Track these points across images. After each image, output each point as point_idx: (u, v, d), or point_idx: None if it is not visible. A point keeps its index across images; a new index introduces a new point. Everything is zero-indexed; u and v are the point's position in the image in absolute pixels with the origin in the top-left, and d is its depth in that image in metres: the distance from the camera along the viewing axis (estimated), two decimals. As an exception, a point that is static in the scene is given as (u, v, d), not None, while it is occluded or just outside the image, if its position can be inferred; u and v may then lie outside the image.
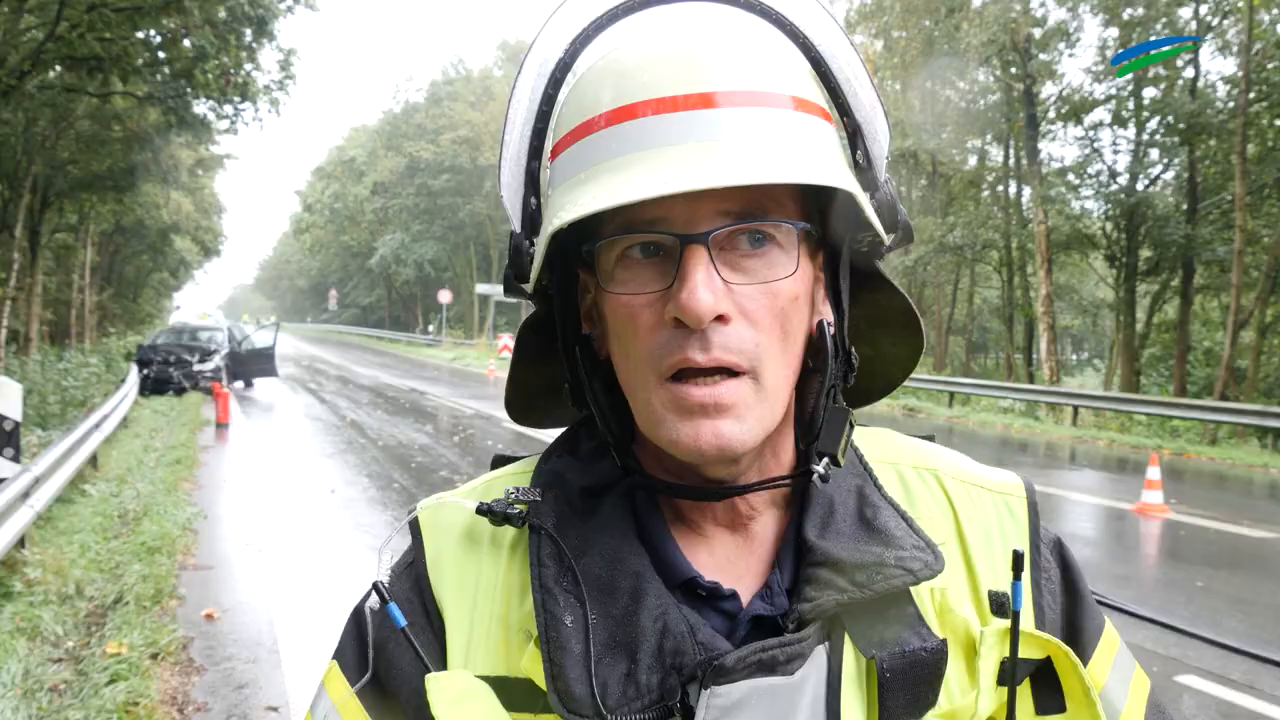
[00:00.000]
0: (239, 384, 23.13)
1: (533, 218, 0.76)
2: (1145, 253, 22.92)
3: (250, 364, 23.30)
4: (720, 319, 0.66)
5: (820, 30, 0.74)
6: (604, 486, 0.76)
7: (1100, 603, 0.86)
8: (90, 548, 6.88)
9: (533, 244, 0.74)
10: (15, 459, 7.08)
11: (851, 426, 0.76)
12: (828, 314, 0.76)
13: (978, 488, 0.81)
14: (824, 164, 0.67)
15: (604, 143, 0.68)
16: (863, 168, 0.75)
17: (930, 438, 0.87)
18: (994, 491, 0.81)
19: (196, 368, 21.84)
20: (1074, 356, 50.89)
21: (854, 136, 0.75)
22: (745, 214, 0.67)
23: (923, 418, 19.63)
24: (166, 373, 21.21)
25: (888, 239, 0.75)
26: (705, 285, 0.64)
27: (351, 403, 19.99)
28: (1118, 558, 8.08)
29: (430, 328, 56.05)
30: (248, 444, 14.19)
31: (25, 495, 6.27)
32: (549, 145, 0.75)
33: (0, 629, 5.09)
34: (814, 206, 0.72)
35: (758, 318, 0.67)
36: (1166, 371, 22.98)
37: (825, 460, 0.72)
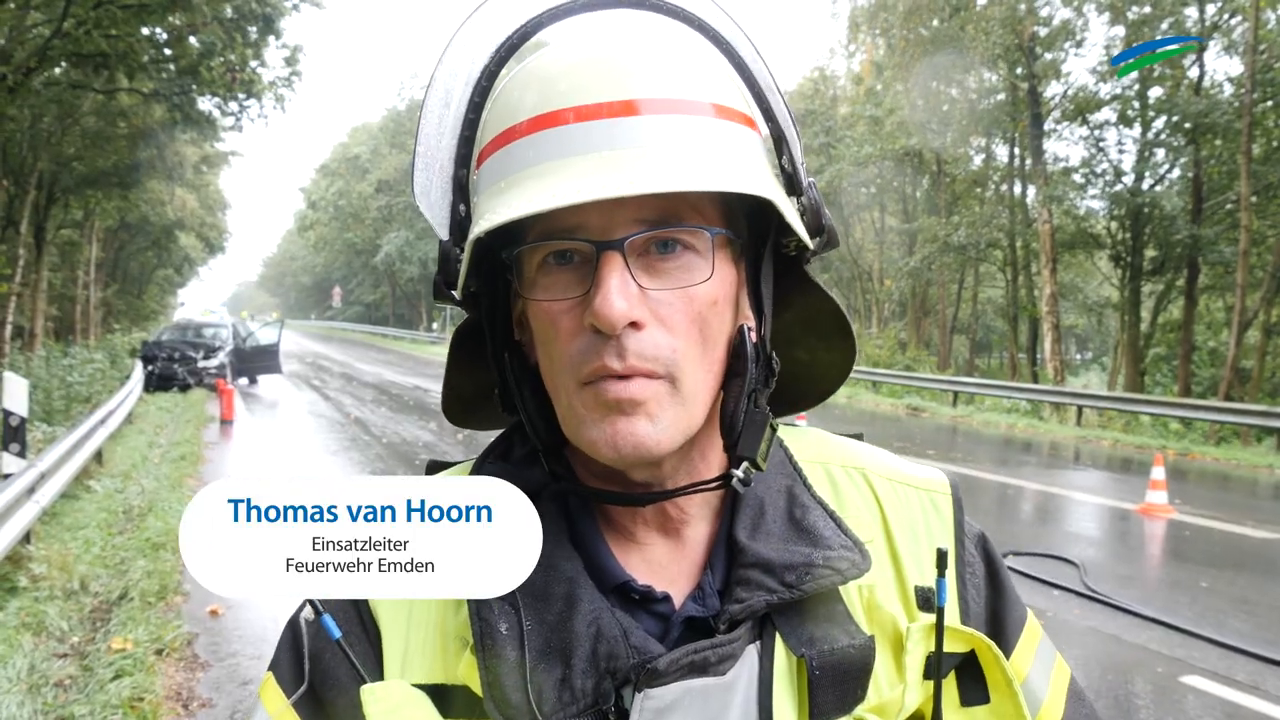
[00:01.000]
0: (243, 380, 23.13)
1: (461, 225, 0.75)
2: (1150, 252, 22.87)
3: (255, 361, 23.33)
4: (634, 325, 0.66)
5: (739, 40, 0.75)
6: (536, 492, 0.75)
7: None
8: (95, 543, 6.91)
9: (462, 251, 0.74)
10: (21, 454, 7.12)
11: (773, 430, 0.77)
12: (753, 319, 0.76)
13: (904, 485, 0.82)
14: (740, 170, 0.68)
15: (525, 150, 0.68)
16: (788, 172, 0.76)
17: (859, 436, 0.88)
18: (920, 489, 0.82)
19: (201, 364, 21.88)
20: (1078, 356, 50.77)
21: (779, 142, 0.76)
22: (660, 221, 0.67)
23: (926, 417, 19.60)
24: (171, 369, 21.26)
25: (812, 243, 0.75)
26: (619, 292, 0.65)
27: (355, 400, 19.99)
28: (1122, 558, 8.06)
29: (434, 325, 56.00)
30: (252, 441, 14.24)
31: (31, 491, 6.29)
32: (475, 152, 0.75)
33: (5, 624, 5.12)
34: (738, 211, 0.73)
35: (674, 323, 0.68)
36: (1171, 372, 22.90)
37: (745, 465, 0.72)
